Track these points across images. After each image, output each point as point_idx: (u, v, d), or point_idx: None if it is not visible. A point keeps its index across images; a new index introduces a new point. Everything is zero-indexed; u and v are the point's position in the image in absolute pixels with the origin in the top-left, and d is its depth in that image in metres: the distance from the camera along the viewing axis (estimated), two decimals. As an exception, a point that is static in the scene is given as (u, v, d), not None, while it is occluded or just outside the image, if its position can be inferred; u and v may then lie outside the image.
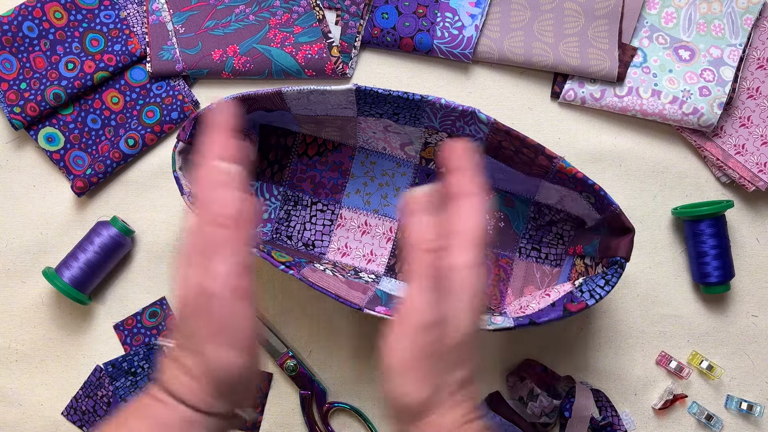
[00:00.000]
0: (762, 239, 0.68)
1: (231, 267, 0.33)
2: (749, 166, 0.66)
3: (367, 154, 0.67)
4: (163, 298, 0.67)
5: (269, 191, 0.67)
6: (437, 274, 0.34)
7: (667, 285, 0.68)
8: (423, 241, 0.35)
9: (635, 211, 0.68)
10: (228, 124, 0.37)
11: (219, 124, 0.37)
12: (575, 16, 0.67)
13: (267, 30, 0.67)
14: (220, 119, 0.37)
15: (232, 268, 0.33)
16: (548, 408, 0.62)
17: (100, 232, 0.64)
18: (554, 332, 0.67)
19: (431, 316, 0.34)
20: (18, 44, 0.66)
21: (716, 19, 0.67)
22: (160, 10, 0.67)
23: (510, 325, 0.52)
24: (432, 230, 0.35)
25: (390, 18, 0.67)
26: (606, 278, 0.53)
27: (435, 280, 0.34)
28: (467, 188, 0.37)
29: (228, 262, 0.33)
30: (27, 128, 0.66)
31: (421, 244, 0.34)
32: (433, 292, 0.34)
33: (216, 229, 0.34)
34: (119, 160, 0.66)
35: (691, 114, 0.65)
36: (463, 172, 0.38)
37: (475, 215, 0.37)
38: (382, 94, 0.55)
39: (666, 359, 0.67)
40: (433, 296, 0.34)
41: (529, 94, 0.69)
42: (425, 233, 0.35)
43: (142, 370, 0.66)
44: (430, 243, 0.35)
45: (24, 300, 0.67)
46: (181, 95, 0.67)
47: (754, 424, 0.67)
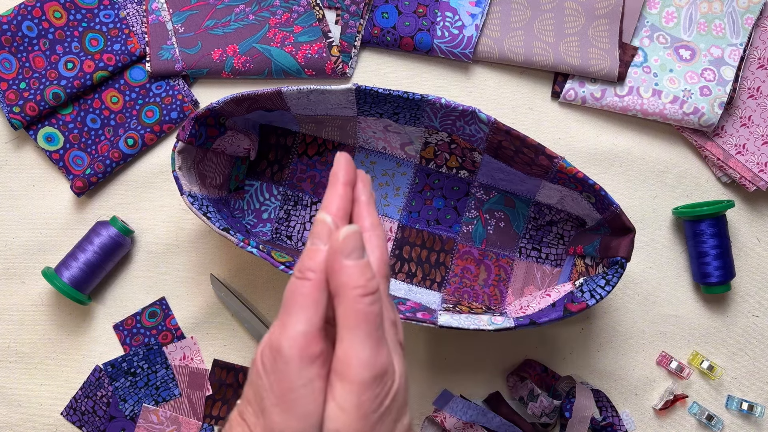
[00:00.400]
0: (763, 239, 0.68)
1: (304, 327, 0.31)
2: (750, 166, 0.66)
3: (367, 154, 0.67)
4: (163, 298, 0.67)
5: (269, 191, 0.67)
6: (377, 321, 0.31)
7: (667, 285, 0.68)
8: (358, 287, 0.31)
9: (635, 211, 0.68)
10: (349, 181, 0.36)
11: (342, 179, 0.36)
12: (576, 16, 0.67)
13: (267, 29, 0.67)
14: (344, 174, 0.36)
15: (306, 327, 0.31)
16: (548, 408, 0.62)
17: (99, 232, 0.64)
18: (554, 332, 0.67)
19: (376, 367, 0.31)
20: (17, 44, 0.66)
21: (717, 19, 0.67)
22: (159, 10, 0.67)
23: (510, 325, 0.52)
24: (367, 272, 0.31)
25: (390, 17, 0.67)
26: (606, 278, 0.53)
27: (374, 327, 0.31)
28: (366, 224, 0.35)
29: (302, 322, 0.31)
30: (26, 128, 0.66)
31: (356, 290, 0.31)
32: (373, 340, 0.31)
33: (299, 282, 0.32)
34: (119, 159, 0.66)
35: (691, 114, 0.65)
36: (360, 206, 0.36)
37: (378, 250, 0.35)
38: (382, 94, 0.55)
39: (666, 359, 0.66)
40: (374, 344, 0.31)
41: (530, 93, 0.69)
42: (361, 276, 0.31)
43: (142, 370, 0.66)
44: (366, 287, 0.31)
45: (24, 300, 0.67)
46: (180, 95, 0.67)
47: (755, 425, 0.67)
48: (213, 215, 0.56)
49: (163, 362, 0.66)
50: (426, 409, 0.67)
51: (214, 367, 0.67)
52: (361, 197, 0.36)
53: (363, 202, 0.36)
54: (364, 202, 0.36)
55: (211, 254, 0.67)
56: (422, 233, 0.67)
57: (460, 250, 0.66)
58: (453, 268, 0.66)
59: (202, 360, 0.67)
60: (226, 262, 0.67)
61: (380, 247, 0.35)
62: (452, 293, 0.66)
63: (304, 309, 0.31)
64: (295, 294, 0.32)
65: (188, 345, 0.67)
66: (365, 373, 0.30)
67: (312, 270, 0.32)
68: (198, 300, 0.67)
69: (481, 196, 0.66)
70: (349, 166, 0.36)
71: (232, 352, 0.67)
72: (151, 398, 0.66)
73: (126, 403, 0.66)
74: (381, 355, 0.31)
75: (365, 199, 0.36)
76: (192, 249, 0.67)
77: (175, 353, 0.67)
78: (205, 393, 0.66)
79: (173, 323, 0.67)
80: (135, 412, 0.66)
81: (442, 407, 0.64)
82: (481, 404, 0.66)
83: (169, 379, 0.66)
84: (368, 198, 0.36)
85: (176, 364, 0.67)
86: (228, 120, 0.59)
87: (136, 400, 0.66)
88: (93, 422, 0.66)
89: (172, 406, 0.66)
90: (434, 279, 0.66)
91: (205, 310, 0.67)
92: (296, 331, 0.31)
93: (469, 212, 0.67)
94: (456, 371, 0.67)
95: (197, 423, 0.66)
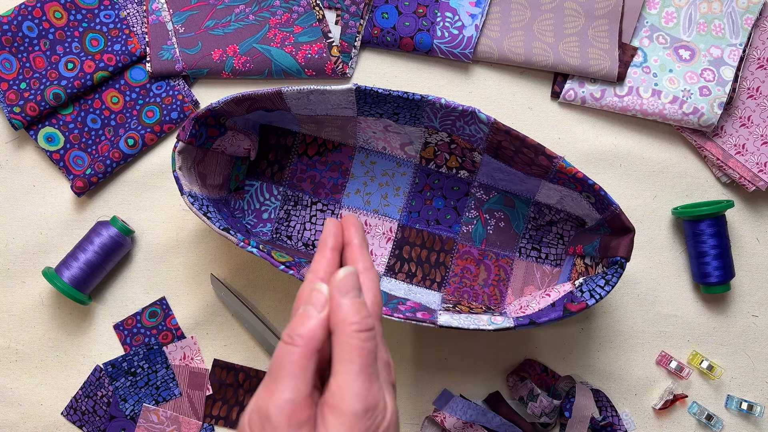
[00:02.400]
0: (762, 239, 0.68)
1: (292, 395, 0.31)
2: (749, 166, 0.66)
3: (367, 154, 0.67)
4: (163, 298, 0.67)
5: (269, 191, 0.67)
6: (371, 357, 0.32)
7: (667, 285, 0.68)
8: (354, 323, 0.32)
9: (635, 211, 0.68)
10: (337, 246, 0.37)
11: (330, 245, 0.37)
12: (575, 16, 0.67)
13: (267, 30, 0.67)
14: (332, 240, 0.37)
15: (293, 395, 0.31)
16: (548, 408, 0.62)
17: (100, 232, 0.64)
18: (554, 332, 0.67)
19: (368, 400, 0.32)
20: (18, 44, 0.66)
21: (716, 19, 0.67)
22: (159, 10, 0.67)
23: (510, 325, 0.52)
24: (362, 310, 0.33)
25: (390, 18, 0.67)
26: (606, 278, 0.53)
27: (368, 362, 0.32)
28: (359, 266, 0.37)
29: (290, 389, 0.32)
30: (27, 128, 0.66)
31: (352, 326, 0.32)
32: (366, 375, 0.32)
33: (288, 347, 0.33)
34: (119, 160, 0.66)
35: (691, 114, 0.65)
36: (353, 248, 0.37)
37: (370, 292, 0.36)
38: (382, 94, 0.55)
39: (666, 359, 0.67)
40: (367, 378, 0.32)
41: (529, 94, 0.69)
42: (357, 314, 0.33)
43: (142, 370, 0.66)
44: (362, 323, 0.33)
45: (24, 300, 0.67)
46: (180, 95, 0.67)
47: (755, 424, 0.67)
48: (213, 215, 0.56)
49: (164, 362, 0.66)
50: (426, 409, 0.67)
51: (214, 367, 0.67)
52: (353, 240, 0.38)
53: (356, 246, 0.38)
54: (357, 245, 0.38)
55: (212, 254, 0.67)
56: (422, 233, 0.67)
57: (460, 250, 0.66)
58: (453, 268, 0.66)
59: (202, 360, 0.67)
60: (226, 262, 0.67)
61: (373, 288, 0.36)
62: (452, 293, 0.66)
63: (292, 376, 0.32)
64: (283, 360, 0.32)
65: (188, 345, 0.67)
66: (358, 405, 0.31)
67: (301, 336, 0.32)
68: (198, 300, 0.67)
69: (481, 196, 0.66)
70: (338, 232, 0.38)
71: (232, 352, 0.67)
72: (151, 398, 0.66)
73: (126, 402, 0.66)
74: (373, 389, 0.32)
75: (358, 243, 0.38)
76: (192, 249, 0.67)
77: (176, 353, 0.67)
78: (206, 393, 0.66)
79: (173, 323, 0.67)
80: (135, 412, 0.66)
81: (442, 407, 0.64)
82: (481, 404, 0.66)
83: (170, 378, 0.66)
84: (361, 242, 0.38)
85: (176, 364, 0.67)
86: (228, 120, 0.59)
87: (137, 399, 0.66)
88: (93, 422, 0.66)
89: (173, 406, 0.66)
90: (434, 279, 0.66)
91: (205, 310, 0.67)
92: (284, 399, 0.31)
93: (468, 212, 0.67)
94: (456, 371, 0.67)
95: (197, 423, 0.66)
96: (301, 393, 0.32)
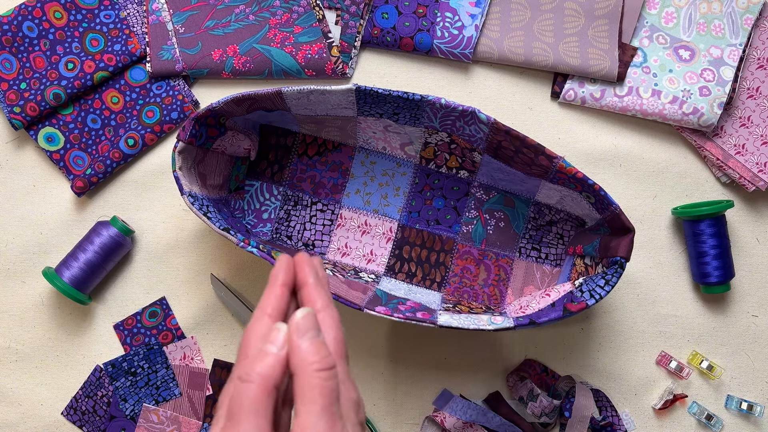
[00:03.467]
0: (762, 239, 0.68)
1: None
2: (749, 166, 0.66)
3: (367, 154, 0.67)
4: (163, 298, 0.67)
5: (269, 191, 0.67)
6: (332, 396, 0.32)
7: (667, 285, 0.68)
8: (314, 362, 0.32)
9: (635, 211, 0.68)
10: (289, 283, 0.37)
11: (280, 281, 0.37)
12: (575, 16, 0.67)
13: (267, 30, 0.67)
14: (283, 276, 0.37)
15: None
16: (548, 408, 0.62)
17: (100, 232, 0.64)
18: (554, 332, 0.67)
19: None
20: (18, 44, 0.66)
21: (716, 19, 0.67)
22: (160, 10, 0.67)
23: (510, 325, 0.52)
24: (322, 349, 0.33)
25: (390, 18, 0.67)
26: (606, 278, 0.53)
27: (329, 402, 0.32)
28: (318, 305, 0.36)
29: (251, 427, 0.31)
30: (27, 128, 0.66)
31: (312, 365, 0.32)
32: (328, 414, 0.31)
33: (244, 386, 0.32)
34: (119, 160, 0.66)
35: (691, 114, 0.65)
36: (309, 288, 0.37)
37: (332, 330, 0.35)
38: (382, 94, 0.55)
39: (666, 359, 0.67)
40: (329, 418, 0.31)
41: (529, 94, 0.69)
42: (316, 353, 0.33)
43: (142, 370, 0.66)
44: (321, 362, 0.32)
45: (24, 300, 0.67)
46: (181, 95, 0.67)
47: (754, 424, 0.67)
48: (213, 215, 0.56)
49: (164, 362, 0.66)
50: (426, 409, 0.67)
51: (214, 367, 0.67)
52: (309, 280, 0.37)
53: (311, 285, 0.37)
54: (312, 284, 0.37)
55: (212, 254, 0.67)
56: (422, 233, 0.67)
57: (460, 250, 0.66)
58: (453, 268, 0.66)
59: (202, 360, 0.67)
60: (226, 262, 0.67)
61: (334, 327, 0.36)
62: (452, 293, 0.66)
63: (253, 415, 0.31)
64: (241, 399, 0.31)
65: (188, 345, 0.67)
66: None
67: (259, 374, 0.32)
68: (198, 300, 0.67)
69: (481, 196, 0.66)
70: (289, 268, 0.37)
71: (232, 352, 0.67)
72: (151, 398, 0.66)
73: (126, 402, 0.66)
74: (336, 428, 0.31)
75: (313, 282, 0.37)
76: (192, 249, 0.67)
77: (176, 353, 0.67)
78: (206, 393, 0.66)
79: (173, 323, 0.67)
80: (135, 412, 0.66)
81: (442, 407, 0.64)
82: (481, 404, 0.66)
83: (170, 378, 0.66)
84: (316, 280, 0.37)
85: (176, 364, 0.67)
86: (228, 120, 0.60)
87: (137, 399, 0.66)
88: (93, 422, 0.66)
89: (173, 406, 0.66)
90: (434, 279, 0.66)
91: (205, 310, 0.67)
92: None
93: (468, 212, 0.67)
94: (456, 371, 0.67)
95: (197, 423, 0.66)
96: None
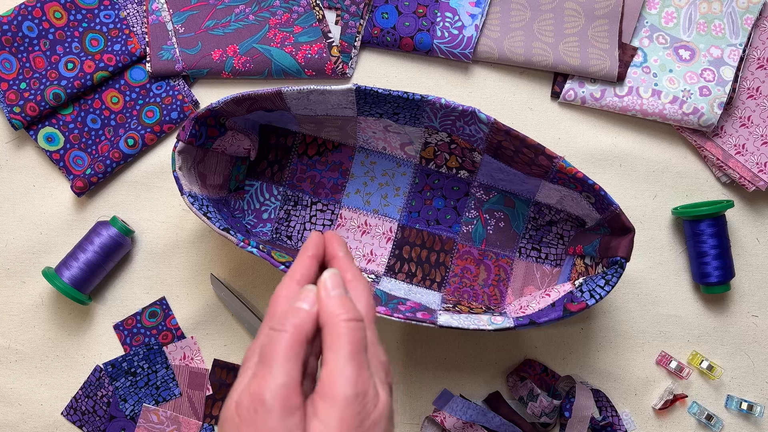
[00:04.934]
0: (762, 239, 0.68)
1: (285, 379, 0.32)
2: (749, 166, 0.66)
3: (367, 154, 0.67)
4: (163, 298, 0.67)
5: (269, 191, 0.67)
6: (360, 344, 0.34)
7: (667, 285, 0.68)
8: (341, 313, 0.34)
9: (635, 211, 0.68)
10: (318, 256, 0.40)
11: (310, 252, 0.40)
12: (575, 16, 0.67)
13: (267, 30, 0.67)
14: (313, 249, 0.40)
15: (287, 379, 0.32)
16: (548, 408, 0.62)
17: (100, 232, 0.64)
18: (554, 332, 0.67)
19: (358, 385, 0.32)
20: (18, 44, 0.66)
21: (716, 19, 0.67)
22: (159, 10, 0.67)
23: (510, 325, 0.52)
24: (348, 303, 0.35)
25: (390, 18, 0.67)
26: (606, 278, 0.53)
27: (357, 350, 0.33)
28: (348, 275, 0.39)
29: (283, 374, 0.32)
30: (27, 128, 0.66)
31: (340, 316, 0.34)
32: (356, 361, 0.33)
33: (277, 334, 0.34)
34: (119, 160, 0.66)
35: (691, 114, 0.65)
36: (339, 260, 0.40)
37: (363, 297, 0.37)
38: (382, 94, 0.55)
39: (666, 359, 0.67)
40: (357, 365, 0.33)
41: (529, 94, 0.69)
42: (342, 306, 0.35)
43: (142, 370, 0.66)
44: (348, 313, 0.34)
45: (24, 300, 0.67)
46: (180, 95, 0.67)
47: (754, 424, 0.67)
48: (213, 215, 0.56)
49: (164, 362, 0.66)
50: (426, 409, 0.67)
51: (214, 367, 0.67)
52: (338, 254, 0.40)
53: (341, 257, 0.40)
54: (342, 257, 0.40)
55: (211, 254, 0.67)
56: (422, 233, 0.67)
57: (460, 250, 0.66)
58: (453, 268, 0.66)
59: (202, 360, 0.67)
60: (226, 262, 0.67)
61: (365, 293, 0.38)
62: (452, 293, 0.66)
63: (285, 361, 0.33)
64: (275, 346, 0.33)
65: (188, 345, 0.67)
66: (348, 389, 0.32)
67: (293, 324, 0.34)
68: (198, 300, 0.67)
69: (481, 196, 0.66)
70: (320, 243, 0.41)
71: (232, 352, 0.67)
72: (151, 398, 0.66)
73: (126, 402, 0.66)
74: (363, 375, 0.33)
75: (343, 255, 0.40)
76: (192, 249, 0.67)
77: (176, 353, 0.67)
78: (206, 393, 0.66)
79: (173, 323, 0.67)
80: (135, 412, 0.66)
81: (442, 407, 0.64)
82: (481, 404, 0.66)
83: (170, 378, 0.66)
84: (346, 254, 0.40)
85: (176, 364, 0.67)
86: (228, 120, 0.59)
87: (137, 399, 0.66)
88: (93, 422, 0.66)
89: (173, 406, 0.66)
90: (434, 279, 0.66)
91: (205, 310, 0.67)
92: (278, 383, 0.32)
93: (468, 212, 0.67)
94: (456, 371, 0.67)
95: (197, 423, 0.66)
96: (293, 378, 0.32)
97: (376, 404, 0.33)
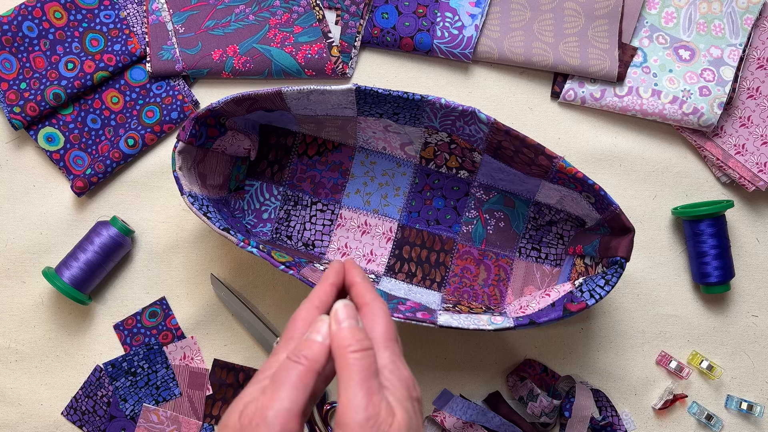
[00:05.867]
0: (762, 239, 0.68)
1: (289, 404, 0.35)
2: (749, 166, 0.66)
3: (367, 154, 0.67)
4: (163, 298, 0.67)
5: (269, 191, 0.67)
6: (368, 371, 0.36)
7: (667, 285, 0.68)
8: (350, 345, 0.37)
9: (635, 211, 0.68)
10: (337, 283, 0.43)
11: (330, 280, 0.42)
12: (575, 16, 0.67)
13: (267, 30, 0.67)
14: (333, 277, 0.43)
15: (291, 405, 0.35)
16: (548, 408, 0.62)
17: (100, 232, 0.64)
18: (554, 332, 0.67)
19: (369, 410, 0.35)
20: (18, 44, 0.66)
21: (716, 19, 0.67)
22: (159, 10, 0.67)
23: (510, 325, 0.52)
24: (358, 333, 0.37)
25: (390, 18, 0.67)
26: (606, 278, 0.53)
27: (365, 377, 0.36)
28: (366, 299, 0.41)
29: (289, 400, 0.35)
30: (27, 128, 0.66)
31: (349, 347, 0.36)
32: (365, 388, 0.35)
33: (292, 364, 0.36)
34: (119, 160, 0.66)
35: (691, 114, 0.65)
36: (357, 286, 0.42)
37: (381, 318, 0.40)
38: (382, 94, 0.55)
39: (666, 359, 0.67)
40: (366, 391, 0.35)
41: (529, 94, 0.69)
42: (352, 337, 0.37)
43: (142, 369, 0.66)
44: (357, 344, 0.37)
45: (24, 300, 0.67)
46: (180, 95, 0.67)
47: (754, 424, 0.67)
48: (213, 215, 0.56)
49: (164, 362, 0.66)
50: (426, 408, 0.67)
51: (214, 367, 0.67)
52: (357, 280, 0.43)
53: (359, 283, 0.42)
54: (360, 282, 0.42)
55: (211, 254, 0.67)
56: (422, 233, 0.67)
57: (460, 250, 0.66)
58: (453, 268, 0.66)
59: (202, 360, 0.67)
60: (226, 262, 0.67)
61: (383, 315, 0.40)
62: (452, 293, 0.66)
63: (293, 389, 0.35)
64: (288, 373, 0.36)
65: (188, 345, 0.67)
66: (358, 416, 0.34)
67: (307, 357, 0.37)
68: (198, 300, 0.67)
69: (481, 196, 0.66)
70: (340, 270, 0.43)
71: (232, 352, 0.67)
72: (151, 398, 0.66)
73: (126, 402, 0.66)
74: (373, 400, 0.35)
75: (360, 280, 0.43)
76: (192, 249, 0.67)
77: (176, 353, 0.67)
78: (206, 393, 0.66)
79: (173, 323, 0.67)
80: (135, 412, 0.66)
81: (442, 407, 0.64)
82: (481, 404, 0.66)
83: (170, 378, 0.66)
84: (363, 279, 0.43)
85: (176, 364, 0.67)
86: (228, 120, 0.60)
87: (137, 399, 0.66)
88: (93, 422, 0.66)
89: (173, 406, 0.66)
90: (434, 279, 0.66)
91: (205, 310, 0.67)
92: (282, 407, 0.34)
93: (468, 212, 0.67)
94: (456, 371, 0.67)
95: (197, 423, 0.66)
96: (297, 406, 0.35)
97: (391, 423, 0.35)
